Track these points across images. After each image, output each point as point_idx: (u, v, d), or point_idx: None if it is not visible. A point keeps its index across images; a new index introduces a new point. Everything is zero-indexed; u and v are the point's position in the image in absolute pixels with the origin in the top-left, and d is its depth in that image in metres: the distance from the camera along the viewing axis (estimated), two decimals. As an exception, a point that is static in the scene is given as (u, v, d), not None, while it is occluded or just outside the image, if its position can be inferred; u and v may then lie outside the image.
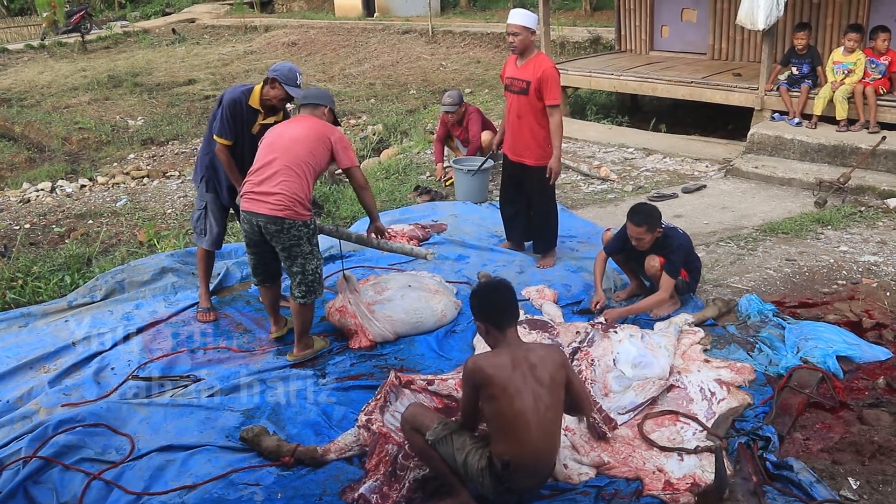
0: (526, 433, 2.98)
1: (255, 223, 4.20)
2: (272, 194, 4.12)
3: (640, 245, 4.67)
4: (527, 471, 3.07)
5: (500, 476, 3.04)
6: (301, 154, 4.17)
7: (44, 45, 20.88)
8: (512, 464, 2.99)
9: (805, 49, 7.98)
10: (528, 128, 5.31)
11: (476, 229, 6.33)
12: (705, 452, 3.45)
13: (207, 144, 4.82)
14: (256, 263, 4.46)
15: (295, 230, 4.17)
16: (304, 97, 4.48)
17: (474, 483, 3.14)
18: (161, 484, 3.45)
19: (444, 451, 3.14)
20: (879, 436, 3.53)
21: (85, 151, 11.70)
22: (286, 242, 4.20)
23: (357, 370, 4.37)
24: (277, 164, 4.15)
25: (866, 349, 4.26)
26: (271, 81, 4.61)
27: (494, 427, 3.08)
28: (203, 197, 4.93)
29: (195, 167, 5.04)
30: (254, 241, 4.33)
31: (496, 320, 3.15)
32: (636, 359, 3.99)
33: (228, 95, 4.65)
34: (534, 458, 3.05)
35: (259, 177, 4.18)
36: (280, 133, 4.30)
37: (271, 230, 4.16)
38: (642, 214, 4.62)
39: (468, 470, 3.11)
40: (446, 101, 7.76)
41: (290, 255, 4.24)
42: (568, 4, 19.64)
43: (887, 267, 5.34)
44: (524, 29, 5.18)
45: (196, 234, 5.07)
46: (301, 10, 24.73)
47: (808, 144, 7.49)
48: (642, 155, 8.47)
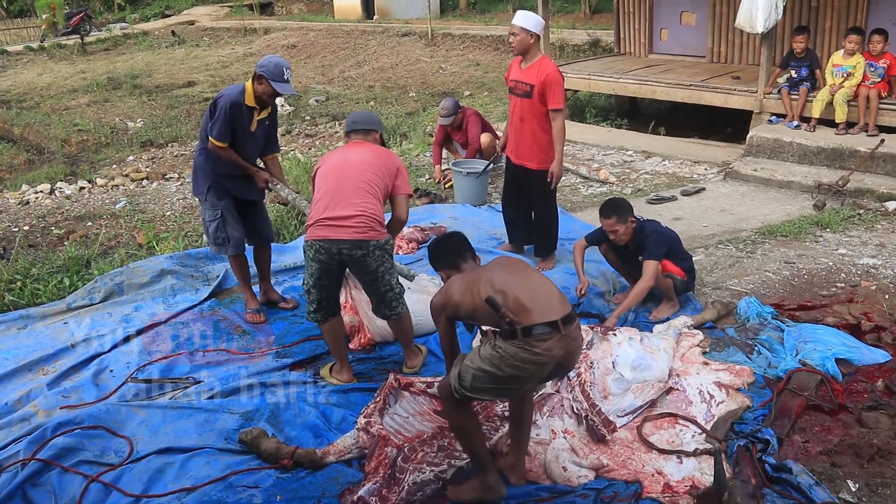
0: (506, 288, 3.06)
1: (334, 251, 3.91)
2: (351, 217, 3.90)
3: (618, 238, 4.77)
4: (522, 306, 2.99)
5: (511, 329, 2.95)
6: (372, 178, 4.01)
7: (43, 47, 20.91)
8: (500, 300, 2.99)
9: (804, 52, 7.99)
10: (531, 131, 5.31)
11: (475, 232, 6.33)
12: (704, 455, 3.45)
13: (204, 157, 4.76)
14: (322, 298, 4.11)
15: (379, 250, 3.97)
16: (353, 122, 4.30)
17: (511, 371, 2.98)
18: (160, 486, 3.44)
19: (478, 377, 3.02)
20: (878, 438, 3.53)
21: (84, 153, 11.71)
22: (372, 265, 3.98)
23: (356, 372, 4.37)
24: (349, 186, 3.96)
25: (865, 352, 4.27)
26: (258, 78, 4.57)
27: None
28: (216, 206, 4.82)
29: (195, 179, 4.90)
30: (327, 273, 4.02)
31: (451, 262, 3.46)
32: (635, 361, 3.99)
33: (227, 99, 4.58)
34: (520, 292, 3.02)
35: (331, 202, 3.96)
36: (345, 158, 4.11)
37: (357, 255, 3.92)
38: (610, 206, 4.78)
39: (495, 361, 2.98)
40: (442, 112, 7.71)
41: (377, 276, 4.04)
42: (567, 7, 19.67)
43: (886, 269, 5.34)
44: (522, 30, 5.18)
45: (216, 247, 4.92)
46: (300, 12, 24.79)
47: (807, 147, 7.50)
48: (641, 158, 8.48)
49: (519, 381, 3.05)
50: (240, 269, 5.05)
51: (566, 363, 3.10)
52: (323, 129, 12.08)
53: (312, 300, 4.12)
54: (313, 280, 4.05)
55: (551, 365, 3.02)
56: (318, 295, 4.09)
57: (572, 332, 3.05)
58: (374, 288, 4.13)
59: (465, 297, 3.17)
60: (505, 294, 3.02)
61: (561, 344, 2.98)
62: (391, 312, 4.21)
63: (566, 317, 3.01)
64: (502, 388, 3.09)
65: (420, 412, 3.74)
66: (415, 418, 3.71)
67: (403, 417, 3.71)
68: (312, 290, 4.08)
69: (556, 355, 2.99)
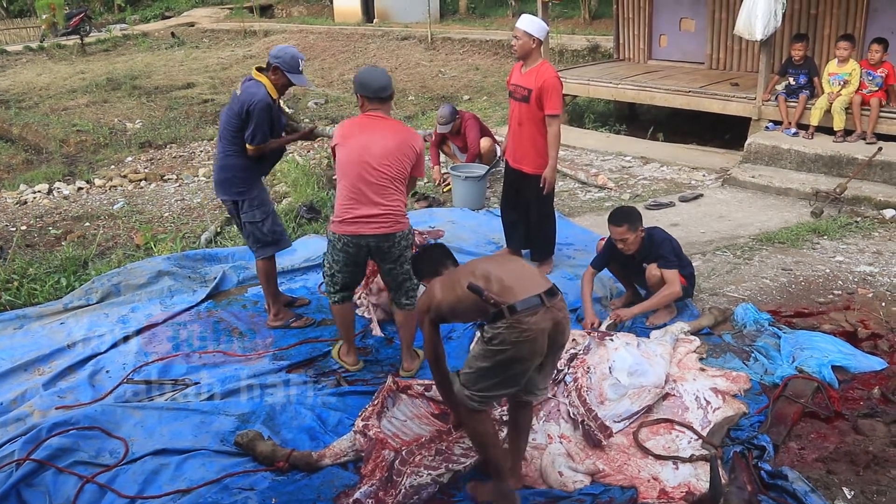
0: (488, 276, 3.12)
1: (363, 244, 4.08)
2: (377, 215, 4.02)
3: (626, 247, 4.70)
4: (505, 286, 3.03)
5: (495, 313, 3.00)
6: (393, 173, 4.04)
7: (43, 48, 20.88)
8: (483, 285, 3.03)
9: (802, 60, 8.02)
10: (529, 136, 5.33)
11: (473, 236, 6.33)
12: (700, 461, 3.45)
13: (243, 157, 4.61)
14: (347, 282, 4.30)
15: (404, 240, 4.13)
16: (366, 87, 4.07)
17: (507, 355, 3.02)
18: (155, 488, 3.44)
19: (478, 377, 3.10)
20: (874, 446, 3.53)
21: (82, 154, 11.69)
22: (395, 254, 4.12)
23: (353, 375, 4.37)
24: (373, 187, 4.00)
25: (861, 359, 4.27)
26: (273, 69, 4.56)
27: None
28: (266, 202, 4.76)
29: (228, 182, 4.67)
30: (354, 262, 4.20)
31: (433, 270, 3.49)
32: (632, 367, 4.00)
33: (261, 104, 4.44)
34: (501, 274, 3.09)
35: (357, 201, 4.03)
36: (366, 146, 4.02)
37: (384, 247, 4.08)
38: (621, 215, 4.71)
39: (488, 353, 3.04)
40: (440, 120, 7.69)
41: (399, 262, 4.16)
42: (567, 13, 19.68)
43: (883, 277, 5.35)
44: (525, 34, 5.20)
45: (271, 246, 4.81)
46: (300, 15, 24.80)
47: (805, 154, 7.51)
48: (640, 163, 8.49)
49: (519, 363, 3.06)
50: (270, 273, 4.89)
51: (557, 336, 3.11)
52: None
53: (336, 282, 4.28)
54: (339, 266, 4.21)
55: (543, 339, 3.04)
56: (342, 279, 4.27)
57: (557, 304, 3.09)
58: (393, 275, 4.24)
59: (447, 293, 3.21)
60: (487, 279, 3.07)
61: (548, 315, 3.02)
62: (407, 301, 4.30)
63: (549, 290, 3.07)
64: (507, 376, 3.09)
65: (418, 415, 3.74)
66: (413, 421, 3.71)
67: (401, 420, 3.71)
68: (338, 274, 4.25)
69: (546, 328, 3.02)
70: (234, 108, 4.52)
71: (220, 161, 4.68)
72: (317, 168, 9.18)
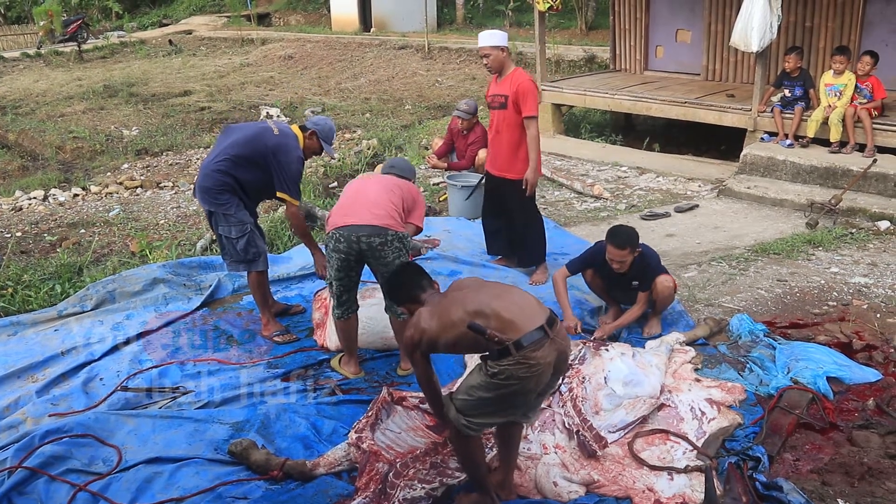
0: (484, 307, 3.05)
1: (353, 239, 4.04)
2: (372, 206, 4.11)
3: (622, 268, 4.60)
4: (505, 321, 2.97)
5: (499, 350, 2.94)
6: (391, 197, 4.20)
7: (40, 54, 20.87)
8: (482, 322, 2.97)
9: (797, 72, 8.06)
10: (507, 141, 5.41)
11: (469, 245, 6.33)
12: (695, 472, 3.44)
13: (236, 166, 4.57)
14: (342, 292, 4.26)
15: (398, 241, 4.10)
16: (391, 166, 4.58)
17: (511, 389, 2.98)
18: (148, 496, 3.42)
19: (476, 406, 3.04)
20: (869, 457, 3.53)
21: (78, 160, 11.69)
22: (389, 256, 4.07)
23: (347, 384, 4.35)
24: (373, 190, 4.21)
25: (856, 370, 4.28)
26: (310, 133, 4.68)
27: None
28: (245, 220, 4.68)
29: (217, 194, 4.60)
30: (346, 265, 4.15)
31: (411, 295, 3.37)
32: (627, 377, 3.99)
33: (298, 154, 4.56)
34: (497, 308, 3.02)
35: (351, 206, 4.17)
36: (364, 183, 4.37)
37: (375, 243, 4.04)
38: (624, 236, 4.53)
39: (492, 386, 2.98)
40: (463, 107, 7.65)
41: (392, 266, 4.07)
42: (564, 23, 19.76)
43: (878, 289, 5.36)
44: (493, 48, 5.29)
45: (246, 263, 4.75)
46: (298, 23, 24.84)
47: (800, 166, 7.54)
48: (636, 174, 8.51)
49: (522, 395, 3.05)
50: (262, 287, 4.87)
51: (561, 366, 3.10)
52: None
53: (333, 294, 4.29)
54: (334, 272, 4.21)
55: (549, 371, 3.02)
56: (338, 288, 4.24)
57: (559, 333, 3.07)
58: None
59: (442, 329, 3.10)
60: (484, 315, 3.00)
61: (553, 347, 3.00)
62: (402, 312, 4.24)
63: (549, 319, 3.04)
64: (508, 406, 3.08)
65: (413, 427, 3.73)
66: (407, 434, 3.69)
67: (396, 433, 3.69)
68: (334, 282, 4.25)
69: (551, 361, 3.00)
70: (267, 142, 4.53)
71: (211, 168, 4.58)
72: (312, 176, 9.20)
